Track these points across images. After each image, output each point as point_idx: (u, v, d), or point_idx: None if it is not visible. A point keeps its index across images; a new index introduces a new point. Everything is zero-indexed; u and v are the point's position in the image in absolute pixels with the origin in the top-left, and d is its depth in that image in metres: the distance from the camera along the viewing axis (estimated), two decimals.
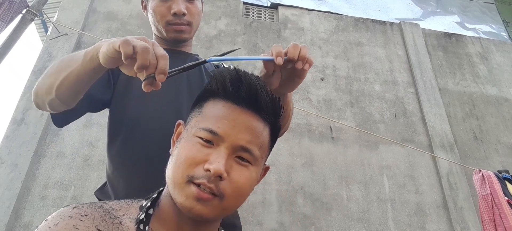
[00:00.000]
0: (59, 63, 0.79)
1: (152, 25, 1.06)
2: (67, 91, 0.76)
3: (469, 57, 4.06)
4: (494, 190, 2.18)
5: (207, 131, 0.57)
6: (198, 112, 0.62)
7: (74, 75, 0.72)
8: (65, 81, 0.74)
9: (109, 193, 0.94)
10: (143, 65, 0.56)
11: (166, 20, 1.00)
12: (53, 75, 0.77)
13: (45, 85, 0.79)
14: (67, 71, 0.73)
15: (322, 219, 2.72)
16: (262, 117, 0.61)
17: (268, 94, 0.61)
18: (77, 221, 0.51)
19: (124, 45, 0.56)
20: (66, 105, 0.81)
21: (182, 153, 0.57)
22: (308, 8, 3.96)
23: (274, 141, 0.66)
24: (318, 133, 3.12)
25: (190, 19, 1.02)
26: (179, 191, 0.55)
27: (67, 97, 0.78)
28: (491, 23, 4.72)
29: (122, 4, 3.40)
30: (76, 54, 0.74)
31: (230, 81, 0.59)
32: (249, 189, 0.59)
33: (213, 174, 0.53)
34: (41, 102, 0.83)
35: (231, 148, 0.56)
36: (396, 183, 2.99)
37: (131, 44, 0.57)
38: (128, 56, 0.57)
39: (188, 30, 1.03)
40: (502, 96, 3.82)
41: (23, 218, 2.32)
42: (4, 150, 2.48)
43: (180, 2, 1.00)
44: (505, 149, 3.44)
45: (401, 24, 4.05)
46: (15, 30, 2.29)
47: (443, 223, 2.88)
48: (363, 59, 3.69)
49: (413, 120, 3.39)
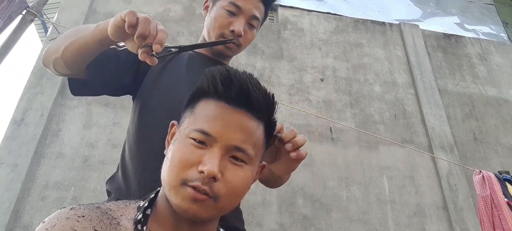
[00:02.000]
0: (74, 29, 0.86)
1: (206, 28, 1.07)
2: (72, 54, 0.81)
3: (468, 58, 4.06)
4: (494, 191, 2.17)
5: (200, 132, 0.56)
6: (191, 113, 0.61)
7: (82, 41, 0.78)
8: (73, 45, 0.80)
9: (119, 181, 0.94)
10: (142, 34, 0.60)
11: (222, 32, 1.01)
12: (65, 38, 0.84)
13: (56, 45, 0.85)
14: (77, 37, 0.79)
15: (322, 220, 2.71)
16: (255, 115, 0.60)
17: (260, 92, 0.60)
18: (74, 222, 0.50)
19: (129, 14, 0.62)
20: (68, 69, 0.85)
21: (176, 155, 0.57)
22: (307, 9, 3.97)
23: (269, 138, 0.66)
24: (318, 134, 3.12)
25: (242, 42, 1.04)
26: (175, 193, 0.55)
27: (70, 61, 0.82)
28: (491, 24, 4.72)
29: (122, 5, 3.40)
30: (89, 25, 0.80)
31: (221, 81, 0.59)
32: (245, 188, 0.59)
33: (207, 176, 0.53)
34: (47, 60, 0.88)
35: (224, 148, 0.56)
36: (396, 184, 2.99)
37: (136, 15, 0.62)
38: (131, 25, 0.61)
39: (236, 50, 1.05)
40: (501, 97, 3.82)
41: (23, 218, 2.32)
42: (4, 151, 2.48)
43: (243, 23, 1.01)
44: (505, 150, 3.44)
45: (400, 25, 4.05)
46: (15, 31, 2.30)
47: (443, 224, 2.87)
48: (363, 60, 3.70)
49: (412, 121, 3.39)
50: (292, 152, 0.69)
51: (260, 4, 1.05)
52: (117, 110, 2.82)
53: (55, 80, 2.80)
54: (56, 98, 2.75)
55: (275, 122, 0.67)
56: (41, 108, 2.67)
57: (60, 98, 2.79)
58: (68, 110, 2.77)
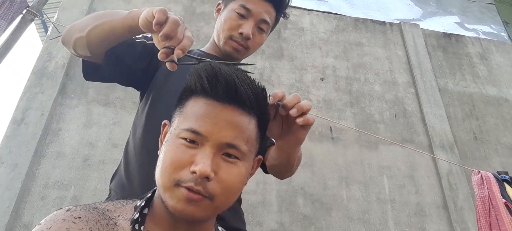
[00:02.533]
0: (104, 11, 0.84)
1: (216, 30, 1.07)
2: (98, 36, 0.80)
3: (469, 57, 4.06)
4: (492, 191, 2.17)
5: (190, 131, 0.56)
6: (180, 112, 0.61)
7: (111, 25, 0.78)
8: (101, 26, 0.79)
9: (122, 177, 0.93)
10: (168, 35, 0.59)
11: (231, 34, 1.01)
12: (93, 18, 0.83)
13: (82, 24, 0.83)
14: (107, 19, 0.79)
15: (322, 219, 2.72)
16: (245, 110, 0.59)
17: (249, 86, 0.59)
18: (70, 224, 0.50)
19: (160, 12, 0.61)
20: (88, 51, 0.84)
21: (167, 156, 0.56)
22: (308, 8, 3.97)
23: (263, 131, 0.65)
24: (318, 133, 3.12)
25: (251, 45, 1.03)
26: (169, 195, 0.54)
27: (95, 42, 0.81)
28: (491, 23, 4.72)
29: (122, 5, 3.40)
30: (120, 11, 0.80)
31: (207, 78, 0.58)
32: (240, 185, 0.58)
33: (199, 176, 0.52)
34: (68, 38, 0.86)
35: (216, 146, 0.55)
36: (396, 183, 2.99)
37: (166, 14, 0.61)
38: (159, 23, 0.60)
39: (244, 53, 1.05)
40: (502, 96, 3.82)
41: (23, 218, 2.32)
42: (4, 150, 2.48)
43: (253, 26, 1.01)
44: (505, 149, 3.44)
45: (401, 25, 4.05)
46: (15, 31, 2.30)
47: (443, 224, 2.87)
48: (363, 60, 3.69)
49: (413, 120, 3.39)
50: (298, 117, 0.66)
51: (271, 9, 1.06)
52: (117, 110, 2.82)
53: (55, 80, 2.80)
54: (56, 98, 2.75)
55: (268, 116, 0.66)
56: (41, 107, 2.67)
57: (60, 98, 2.79)
58: (68, 109, 2.77)
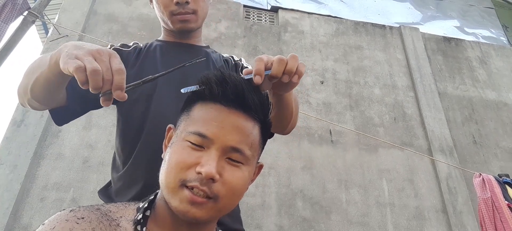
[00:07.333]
0: (32, 64, 0.78)
1: (159, 18, 1.05)
2: (40, 92, 0.75)
3: (468, 61, 4.07)
4: (494, 193, 2.18)
5: (197, 134, 0.57)
6: (187, 116, 0.62)
7: (43, 77, 0.71)
8: (37, 83, 0.73)
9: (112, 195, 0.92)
10: (96, 88, 0.54)
11: (170, 10, 0.97)
12: (27, 77, 0.77)
13: (22, 86, 0.79)
14: (38, 73, 0.72)
15: (321, 223, 2.71)
16: (251, 116, 0.61)
17: (255, 93, 0.61)
18: (74, 224, 0.51)
19: (77, 72, 0.54)
20: (45, 105, 0.80)
21: (173, 157, 0.57)
22: (308, 11, 3.98)
23: (265, 138, 0.66)
24: (317, 136, 3.12)
25: (194, 7, 0.98)
26: (173, 196, 0.55)
27: (42, 98, 0.77)
28: (491, 27, 4.74)
29: (122, 6, 3.41)
30: (46, 56, 0.72)
31: (216, 83, 0.59)
32: (243, 188, 0.60)
33: (205, 177, 0.53)
34: (22, 102, 0.83)
35: (221, 150, 0.57)
36: (395, 187, 2.99)
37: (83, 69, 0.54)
38: (83, 84, 0.55)
39: (194, 19, 0.99)
40: (501, 100, 3.82)
41: (22, 219, 2.32)
42: (4, 151, 2.48)
43: None
44: (504, 153, 3.44)
45: (400, 28, 4.06)
46: (17, 32, 2.31)
47: (442, 227, 2.87)
48: (363, 63, 3.70)
49: (412, 124, 3.40)
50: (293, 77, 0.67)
51: None
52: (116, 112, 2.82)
53: None
54: None
55: (270, 123, 0.67)
56: None
57: None
58: None
